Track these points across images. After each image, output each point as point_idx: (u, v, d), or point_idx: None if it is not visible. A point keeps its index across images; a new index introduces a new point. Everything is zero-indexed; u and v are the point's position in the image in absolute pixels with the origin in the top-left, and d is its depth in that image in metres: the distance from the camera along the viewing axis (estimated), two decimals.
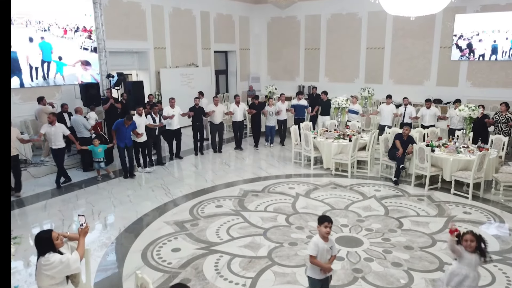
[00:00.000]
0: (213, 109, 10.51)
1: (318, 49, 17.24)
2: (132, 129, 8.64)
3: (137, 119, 8.86)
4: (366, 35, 16.11)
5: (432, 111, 10.51)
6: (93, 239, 5.89)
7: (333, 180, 8.53)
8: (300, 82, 17.88)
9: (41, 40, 10.83)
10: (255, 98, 11.59)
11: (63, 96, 11.20)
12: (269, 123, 11.39)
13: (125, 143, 8.63)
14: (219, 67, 17.64)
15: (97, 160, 8.53)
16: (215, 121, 10.65)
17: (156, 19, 13.71)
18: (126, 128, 8.52)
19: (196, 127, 10.53)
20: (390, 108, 10.86)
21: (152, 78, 13.93)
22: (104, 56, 12.07)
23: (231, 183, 8.39)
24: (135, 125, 8.70)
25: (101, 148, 8.48)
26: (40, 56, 10.75)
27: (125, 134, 8.56)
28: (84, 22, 11.60)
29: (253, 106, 11.32)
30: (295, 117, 11.70)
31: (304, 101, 11.89)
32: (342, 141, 9.02)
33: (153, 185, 8.30)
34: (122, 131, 8.52)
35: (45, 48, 10.97)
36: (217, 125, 10.70)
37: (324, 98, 11.73)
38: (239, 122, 11.08)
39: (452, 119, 10.11)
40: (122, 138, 8.58)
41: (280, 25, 18.04)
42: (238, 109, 10.97)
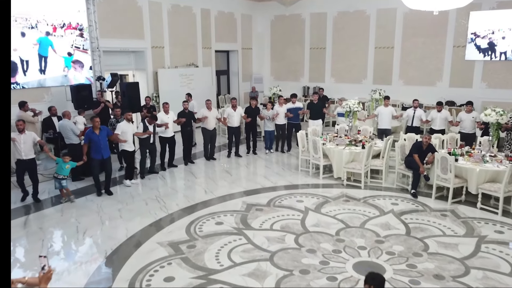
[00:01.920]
0: (206, 115, 9.67)
1: (324, 49, 16.46)
2: (107, 135, 7.56)
3: (125, 126, 7.95)
4: (374, 34, 15.33)
5: (444, 114, 9.75)
6: (75, 267, 5.14)
7: (345, 191, 7.76)
8: (305, 83, 17.12)
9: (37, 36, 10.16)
10: (253, 99, 10.70)
11: (53, 98, 10.45)
12: (267, 128, 10.56)
13: (102, 154, 7.47)
14: (220, 67, 16.89)
15: (59, 177, 7.17)
16: (208, 127, 9.77)
17: (154, 17, 12.97)
18: (98, 135, 7.38)
19: (186, 133, 9.64)
20: (388, 110, 10.07)
21: (149, 79, 13.19)
22: (97, 55, 11.34)
23: (233, 195, 7.63)
24: (108, 130, 7.75)
25: (69, 165, 7.34)
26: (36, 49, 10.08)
27: (99, 144, 7.37)
28: (75, 19, 10.87)
29: (249, 110, 10.45)
30: (289, 121, 10.73)
31: (299, 104, 11.02)
32: (354, 148, 8.25)
33: (147, 197, 7.54)
34: (95, 140, 7.36)
35: (44, 43, 10.28)
36: (210, 131, 9.86)
37: (315, 100, 10.79)
38: (235, 128, 10.20)
39: (463, 123, 9.37)
40: (97, 149, 7.42)
41: (284, 24, 17.27)
42: (235, 113, 10.09)
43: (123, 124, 7.98)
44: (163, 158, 9.31)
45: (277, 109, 10.47)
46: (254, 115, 10.31)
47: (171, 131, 9.13)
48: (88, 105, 10.14)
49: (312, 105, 10.75)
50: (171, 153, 9.43)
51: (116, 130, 7.89)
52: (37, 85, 10.16)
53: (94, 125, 7.39)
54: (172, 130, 9.20)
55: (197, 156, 10.33)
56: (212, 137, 9.96)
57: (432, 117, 9.83)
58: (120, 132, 7.82)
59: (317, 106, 10.68)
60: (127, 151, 8.06)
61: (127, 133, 7.92)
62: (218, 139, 10.51)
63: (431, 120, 9.85)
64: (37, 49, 10.10)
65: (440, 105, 9.79)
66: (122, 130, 7.86)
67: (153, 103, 13.21)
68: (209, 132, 9.85)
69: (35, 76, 10.08)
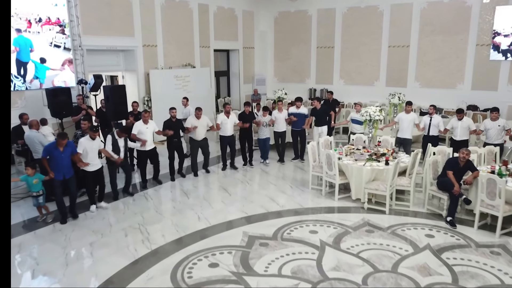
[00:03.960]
0: (195, 124, 8.38)
1: (332, 48, 15.15)
2: (70, 154, 6.23)
3: (87, 142, 6.49)
4: (388, 32, 14.01)
5: (465, 123, 8.42)
6: None
7: (366, 217, 6.44)
8: (312, 84, 15.81)
9: (17, 35, 8.89)
10: (247, 104, 9.30)
11: (28, 104, 9.19)
12: (262, 135, 9.28)
13: (63, 174, 6.19)
14: (219, 68, 15.59)
15: (33, 194, 6.24)
16: (197, 137, 8.52)
17: (146, 12, 11.68)
18: (61, 153, 6.12)
19: (173, 145, 8.35)
20: (410, 118, 8.77)
21: (140, 81, 11.90)
22: (80, 55, 10.06)
23: (232, 222, 6.32)
24: (74, 147, 6.38)
25: (37, 179, 6.18)
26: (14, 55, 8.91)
27: (61, 162, 6.12)
28: (54, 13, 9.59)
29: (243, 116, 9.12)
30: (293, 128, 9.54)
31: (304, 109, 9.71)
32: (376, 164, 6.94)
33: (128, 226, 6.23)
34: (56, 157, 6.09)
35: (22, 45, 9.03)
36: (199, 142, 8.60)
37: (317, 106, 9.53)
38: (229, 136, 8.91)
39: (488, 132, 8.10)
40: (58, 168, 6.12)
41: (288, 21, 15.96)
42: (229, 121, 8.80)
43: (84, 140, 6.51)
44: (144, 174, 7.97)
45: (275, 115, 9.27)
46: (249, 122, 9.05)
47: (150, 143, 7.82)
48: (67, 111, 8.87)
49: (315, 112, 9.55)
50: (155, 168, 8.13)
51: (78, 147, 6.46)
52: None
53: (58, 143, 6.06)
54: (152, 143, 7.90)
55: (189, 169, 8.96)
56: (203, 148, 8.69)
57: (452, 125, 8.55)
58: (82, 150, 6.43)
59: (320, 112, 9.51)
60: (88, 172, 6.60)
61: (90, 151, 6.51)
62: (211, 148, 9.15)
63: (451, 130, 8.58)
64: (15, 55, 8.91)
65: (461, 113, 8.48)
66: (84, 147, 6.46)
67: (145, 107, 11.96)
68: (197, 143, 8.57)
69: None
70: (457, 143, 8.31)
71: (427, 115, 8.86)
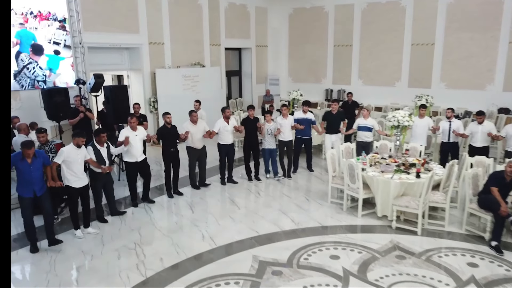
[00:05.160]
0: (190, 130, 7.33)
1: (351, 46, 14.28)
2: (41, 166, 5.25)
3: (70, 152, 5.56)
4: (411, 28, 13.10)
5: (486, 127, 7.58)
6: None
7: (395, 239, 5.59)
8: (328, 85, 14.96)
9: (20, 28, 8.31)
10: (250, 108, 8.14)
11: (23, 105, 8.53)
12: (267, 145, 8.10)
13: (33, 190, 5.20)
14: (231, 67, 14.83)
15: None
16: (194, 145, 7.49)
17: (152, 7, 10.97)
18: (29, 165, 5.14)
19: (170, 156, 7.27)
20: (424, 123, 7.93)
21: (146, 81, 11.21)
22: (80, 52, 9.38)
23: (240, 243, 5.52)
24: (45, 157, 5.39)
25: None
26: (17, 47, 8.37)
27: (28, 176, 5.12)
28: (53, 7, 8.93)
29: (246, 122, 7.98)
30: (297, 135, 8.46)
31: (310, 115, 8.61)
32: (405, 176, 6.07)
33: (122, 245, 5.48)
34: (23, 171, 5.10)
35: (24, 38, 8.46)
36: (198, 151, 7.60)
37: (334, 110, 8.50)
38: (228, 145, 7.83)
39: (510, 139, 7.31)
40: (26, 183, 5.14)
41: (304, 17, 15.12)
42: (229, 127, 7.74)
43: (68, 149, 5.60)
44: (134, 190, 6.99)
45: (280, 122, 8.13)
46: (253, 129, 8.01)
47: (140, 154, 6.82)
48: (64, 114, 8.18)
49: (330, 116, 8.55)
50: (145, 184, 7.09)
51: (57, 156, 5.54)
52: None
53: (24, 153, 5.07)
54: (142, 153, 6.91)
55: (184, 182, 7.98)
56: (200, 158, 7.71)
57: (471, 130, 7.69)
58: (61, 160, 5.51)
59: (335, 117, 8.51)
60: (72, 188, 5.64)
61: (72, 163, 5.57)
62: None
63: (470, 135, 7.73)
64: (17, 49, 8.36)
65: (482, 115, 7.60)
66: (66, 158, 5.53)
67: (152, 109, 11.28)
68: (196, 152, 7.56)
69: None
70: (477, 150, 7.49)
71: (445, 120, 7.99)
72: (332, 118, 8.54)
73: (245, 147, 8.19)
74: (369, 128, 8.06)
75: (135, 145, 6.72)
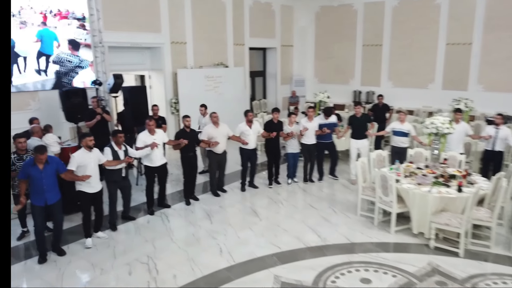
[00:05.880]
0: (212, 133, 7.02)
1: (380, 46, 13.58)
2: (54, 173, 5.00)
3: (81, 156, 5.32)
4: (446, 27, 12.31)
5: (504, 132, 7.02)
6: None
7: (433, 260, 5.00)
8: (356, 86, 14.30)
9: (42, 27, 8.17)
10: (275, 111, 7.76)
11: (41, 106, 8.35)
12: (291, 149, 7.81)
13: (45, 199, 4.96)
14: (255, 68, 14.38)
15: None
16: (215, 149, 7.14)
17: (174, 5, 10.63)
18: (40, 171, 4.89)
19: (188, 160, 6.92)
20: (460, 129, 7.20)
21: (167, 82, 10.87)
22: (100, 52, 9.14)
23: (261, 260, 5.05)
24: (60, 164, 5.12)
25: None
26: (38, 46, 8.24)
27: (40, 184, 4.88)
28: (73, 6, 8.73)
29: (270, 125, 7.61)
30: (319, 140, 7.96)
31: (333, 118, 8.18)
32: (445, 190, 5.47)
33: (134, 258, 5.12)
34: (35, 178, 4.86)
35: (46, 37, 8.32)
36: (218, 156, 7.23)
37: (358, 113, 7.94)
38: (251, 150, 7.43)
39: None
40: (37, 191, 4.91)
41: (331, 16, 14.53)
42: (252, 131, 7.33)
43: (79, 154, 5.36)
44: (151, 196, 6.66)
45: (305, 124, 7.76)
46: (277, 133, 7.53)
47: (159, 158, 6.52)
48: (82, 115, 7.94)
49: (354, 120, 7.99)
50: (160, 189, 6.80)
51: (70, 164, 5.28)
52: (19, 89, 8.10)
53: (36, 159, 4.85)
54: (162, 157, 6.61)
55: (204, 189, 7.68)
56: (221, 163, 7.34)
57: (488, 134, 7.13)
58: (75, 167, 5.25)
59: (361, 121, 7.94)
60: (86, 193, 5.42)
61: (86, 167, 5.31)
62: None
63: None
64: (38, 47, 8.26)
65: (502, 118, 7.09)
66: (79, 163, 5.30)
67: (173, 110, 10.96)
68: (216, 156, 7.20)
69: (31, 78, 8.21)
70: (492, 154, 6.95)
71: (493, 126, 7.29)
72: (357, 122, 7.95)
73: (267, 151, 7.83)
74: (405, 134, 7.45)
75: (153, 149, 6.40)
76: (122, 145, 5.92)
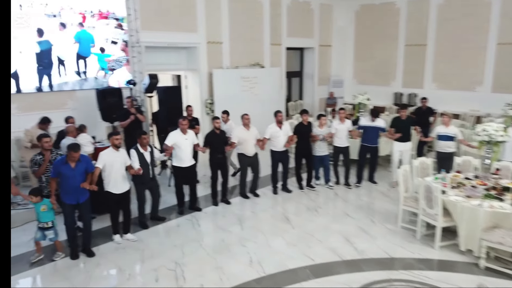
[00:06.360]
0: (243, 136, 6.85)
1: (425, 46, 12.89)
2: (84, 171, 4.96)
3: (109, 155, 5.28)
4: (498, 25, 11.49)
5: None
6: None
7: (484, 282, 4.53)
8: (397, 88, 13.67)
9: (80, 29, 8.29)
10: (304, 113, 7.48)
11: (78, 105, 8.44)
12: (317, 152, 7.47)
13: (77, 198, 4.96)
14: (292, 68, 14.06)
15: (40, 225, 4.98)
16: (246, 152, 6.98)
17: (211, 5, 10.51)
18: (72, 169, 4.88)
19: (216, 162, 6.81)
20: None
21: (203, 82, 10.77)
22: (137, 52, 9.15)
23: (292, 273, 4.77)
24: (89, 163, 5.09)
25: (45, 206, 4.95)
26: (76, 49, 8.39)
27: (72, 182, 4.86)
28: (113, 6, 8.79)
29: (300, 128, 7.38)
30: (363, 143, 7.69)
31: (380, 122, 7.68)
32: (498, 204, 4.97)
33: (161, 264, 4.98)
34: (66, 176, 4.84)
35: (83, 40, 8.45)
36: (249, 158, 7.05)
37: (403, 116, 7.57)
38: (281, 152, 7.24)
39: None
40: (69, 189, 4.90)
41: (372, 15, 13.97)
42: (282, 132, 7.14)
43: (107, 152, 5.32)
44: (180, 195, 6.58)
45: (336, 126, 7.50)
46: (307, 135, 7.33)
47: (189, 158, 6.41)
48: (118, 115, 7.95)
49: (398, 122, 7.60)
50: (191, 192, 6.66)
51: (97, 161, 5.25)
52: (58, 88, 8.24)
53: (69, 157, 4.83)
54: (191, 158, 6.49)
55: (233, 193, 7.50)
56: (253, 166, 7.14)
57: None
58: (101, 165, 5.21)
59: (405, 124, 7.56)
60: (112, 194, 5.39)
61: (112, 167, 5.26)
62: None
63: None
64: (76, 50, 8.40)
65: None
66: (106, 161, 5.24)
67: (208, 111, 10.85)
68: (247, 159, 7.02)
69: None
70: None
71: None
72: (402, 125, 7.57)
73: (296, 154, 7.58)
74: (450, 137, 6.95)
75: (184, 149, 6.34)
76: (147, 147, 5.84)
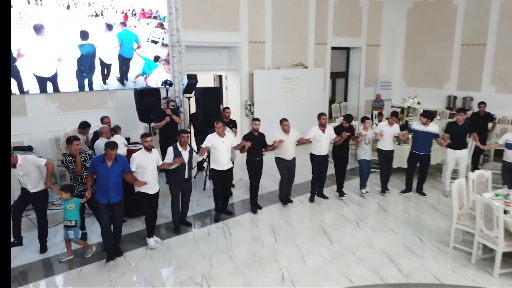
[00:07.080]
0: (282, 138, 6.45)
1: (484, 45, 11.87)
2: (121, 171, 4.92)
3: (141, 157, 5.15)
4: None
5: None
6: None
7: None
8: (451, 91, 12.71)
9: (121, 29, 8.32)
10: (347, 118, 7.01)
11: (118, 105, 8.46)
12: (363, 156, 7.03)
13: (108, 197, 4.87)
14: (337, 69, 13.49)
15: (64, 223, 4.94)
16: (285, 156, 6.63)
17: (254, 4, 10.21)
18: (108, 169, 4.80)
19: (254, 166, 6.53)
20: None
21: (243, 82, 10.51)
22: (177, 51, 9.03)
23: None
24: (126, 163, 5.00)
25: (72, 204, 4.92)
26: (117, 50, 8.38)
27: (106, 181, 4.80)
28: (155, 5, 8.72)
29: (339, 131, 6.90)
30: (414, 150, 7.04)
31: (434, 127, 6.95)
32: None
33: (188, 276, 4.69)
34: (101, 174, 4.80)
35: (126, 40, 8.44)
36: (288, 162, 6.68)
37: (460, 121, 6.92)
38: (322, 156, 6.86)
39: None
40: (103, 188, 4.84)
41: (426, 12, 13.08)
42: (325, 136, 6.74)
43: (139, 154, 5.20)
44: (217, 201, 6.38)
45: (383, 128, 7.03)
46: (345, 140, 6.87)
47: (226, 162, 6.15)
48: (155, 115, 7.83)
49: (454, 128, 6.94)
50: (224, 195, 6.42)
51: (130, 164, 5.12)
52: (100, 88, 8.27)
53: (106, 155, 4.76)
54: (229, 160, 6.25)
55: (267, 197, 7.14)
56: (290, 170, 6.77)
57: None
58: (135, 167, 5.09)
59: (462, 129, 6.93)
60: (145, 194, 5.27)
61: (145, 169, 5.14)
62: None
63: None
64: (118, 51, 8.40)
65: None
66: (138, 163, 5.11)
67: (247, 113, 10.57)
68: (286, 163, 6.66)
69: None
70: None
71: None
72: (458, 130, 6.94)
73: (334, 158, 7.18)
74: None
75: (221, 152, 6.09)
76: (187, 146, 5.68)
